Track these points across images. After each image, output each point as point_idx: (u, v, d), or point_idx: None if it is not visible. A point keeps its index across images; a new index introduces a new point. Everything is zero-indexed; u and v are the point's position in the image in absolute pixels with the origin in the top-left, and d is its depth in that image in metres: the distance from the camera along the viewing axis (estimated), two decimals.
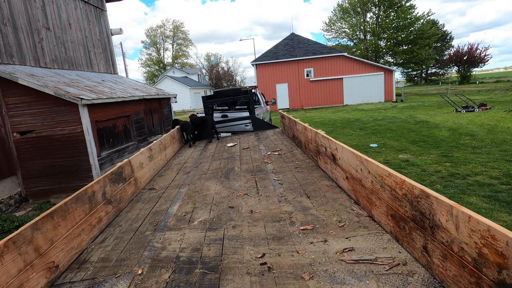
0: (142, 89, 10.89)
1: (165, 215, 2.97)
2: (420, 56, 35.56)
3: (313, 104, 25.26)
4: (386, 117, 14.31)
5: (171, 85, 38.62)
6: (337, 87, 24.74)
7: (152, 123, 10.57)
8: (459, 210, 1.38)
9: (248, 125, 8.07)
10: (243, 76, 58.79)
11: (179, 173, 4.56)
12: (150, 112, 10.32)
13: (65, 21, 8.92)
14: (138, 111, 9.32)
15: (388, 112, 16.68)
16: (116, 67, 11.98)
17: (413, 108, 17.76)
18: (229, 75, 51.46)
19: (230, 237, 2.33)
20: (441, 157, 6.84)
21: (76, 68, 9.34)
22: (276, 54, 25.43)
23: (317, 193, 3.03)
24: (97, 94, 7.18)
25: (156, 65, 59.36)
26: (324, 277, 1.72)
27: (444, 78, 51.36)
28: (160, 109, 11.32)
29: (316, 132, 3.87)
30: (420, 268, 1.70)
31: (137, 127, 9.17)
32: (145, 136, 9.65)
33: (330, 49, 25.60)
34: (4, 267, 1.73)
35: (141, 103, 9.49)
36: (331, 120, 15.57)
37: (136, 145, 8.87)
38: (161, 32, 58.37)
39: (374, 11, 38.26)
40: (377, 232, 2.14)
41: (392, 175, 1.96)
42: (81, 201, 2.59)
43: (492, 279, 1.24)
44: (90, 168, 6.61)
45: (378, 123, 12.75)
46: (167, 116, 11.89)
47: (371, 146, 8.55)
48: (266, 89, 25.86)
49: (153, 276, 1.94)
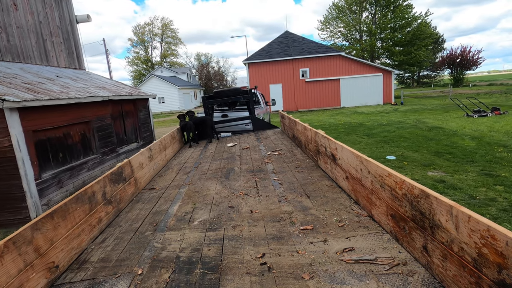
0: (111, 88, 9.13)
1: (165, 215, 2.97)
2: (418, 57, 35.05)
3: (309, 106, 24.08)
4: (392, 122, 13.31)
5: (159, 84, 37.35)
6: (334, 89, 23.71)
7: (124, 130, 8.82)
8: (459, 210, 1.38)
9: (249, 124, 8.07)
10: (234, 76, 58.03)
11: (179, 173, 4.56)
12: (120, 116, 8.61)
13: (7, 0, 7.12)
14: (103, 115, 7.65)
15: (391, 116, 15.82)
16: (82, 61, 10.13)
17: (417, 111, 16.78)
18: (219, 75, 50.48)
19: (230, 237, 2.33)
20: (484, 177, 5.62)
21: (24, 60, 7.56)
22: (269, 52, 23.93)
23: (317, 193, 3.03)
24: (36, 94, 5.53)
25: (144, 64, 57.64)
26: (324, 277, 1.72)
27: (436, 81, 50.80)
28: (135, 112, 9.60)
29: (316, 132, 3.88)
30: (420, 268, 1.70)
31: (102, 136, 7.56)
32: (113, 146, 8.01)
33: (327, 48, 24.39)
34: (4, 267, 1.73)
35: (108, 106, 7.87)
36: (331, 124, 14.44)
37: (99, 158, 7.37)
38: (149, 29, 56.79)
39: (370, 11, 37.88)
40: (377, 232, 2.14)
41: (392, 175, 1.96)
42: (81, 201, 2.59)
43: (492, 279, 1.24)
44: (23, 196, 4.89)
45: (385, 128, 11.75)
46: (144, 120, 10.17)
47: (388, 159, 7.29)
48: (260, 89, 24.05)
49: (153, 276, 1.94)
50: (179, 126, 7.10)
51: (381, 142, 9.28)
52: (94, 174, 7.08)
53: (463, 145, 8.11)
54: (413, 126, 11.81)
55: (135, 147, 9.17)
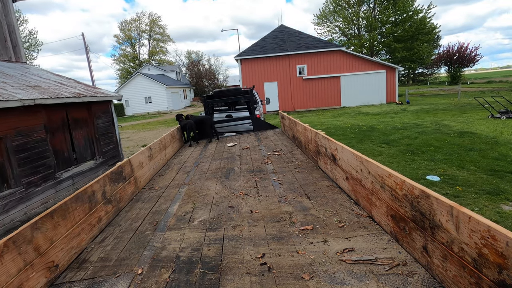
0: (50, 87, 6.83)
1: (165, 214, 2.97)
2: (420, 52, 33.24)
3: (307, 106, 22.40)
4: (408, 125, 11.46)
5: (145, 83, 35.32)
6: (334, 87, 21.90)
7: (72, 145, 6.68)
8: (459, 211, 1.38)
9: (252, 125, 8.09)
10: (226, 74, 55.83)
11: (179, 173, 4.56)
12: (64, 126, 6.51)
13: None
14: (29, 128, 5.48)
15: (402, 117, 13.97)
16: (20, 52, 8.19)
17: (430, 112, 14.79)
18: (210, 74, 48.54)
19: (230, 237, 2.33)
20: None
21: None
22: (264, 48, 21.73)
23: (317, 193, 3.03)
24: None
25: (131, 62, 55.24)
26: (324, 277, 1.72)
27: (432, 79, 48.37)
28: (89, 119, 7.34)
29: (316, 133, 3.88)
30: (420, 268, 1.70)
31: (26, 158, 5.35)
32: (48, 172, 5.81)
33: (326, 43, 22.27)
34: (4, 266, 1.72)
35: (38, 113, 5.74)
36: (337, 128, 12.56)
37: (21, 193, 5.19)
38: (137, 26, 54.25)
39: (369, 4, 36.19)
40: (377, 233, 2.14)
41: (392, 176, 1.96)
42: (81, 200, 2.59)
43: (492, 280, 1.24)
44: None
45: (404, 134, 9.89)
46: (104, 129, 7.80)
47: (430, 180, 5.50)
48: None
49: (153, 276, 1.94)
50: (179, 126, 7.11)
51: (407, 153, 7.43)
52: (10, 219, 4.93)
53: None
54: (436, 130, 10.04)
55: (90, 167, 7.11)
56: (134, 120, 28.76)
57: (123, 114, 35.44)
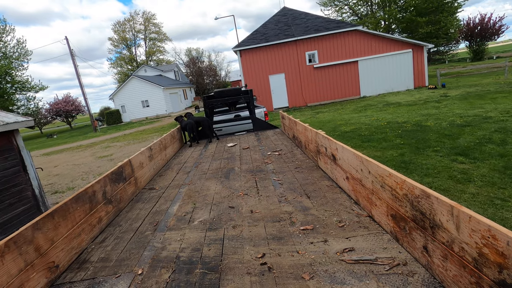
0: None
1: (165, 215, 2.97)
2: (448, 25, 27.31)
3: (321, 99, 19.18)
4: (470, 119, 8.31)
5: (140, 86, 32.68)
6: (351, 74, 18.51)
7: None
8: (460, 210, 1.38)
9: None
10: (228, 70, 52.29)
11: (179, 173, 4.57)
12: None
13: None
14: None
15: (452, 107, 10.74)
16: None
17: (483, 97, 11.56)
18: (211, 70, 45.31)
19: (230, 237, 2.33)
20: None
21: None
22: (265, 35, 18.76)
23: (317, 193, 3.03)
24: None
25: (129, 64, 52.88)
26: (324, 277, 1.72)
27: (450, 56, 41.38)
28: None
29: (316, 132, 3.88)
30: (420, 268, 1.70)
31: None
32: None
33: (338, 23, 18.83)
34: (5, 266, 1.73)
35: None
36: (369, 127, 9.45)
37: None
38: (131, 26, 51.93)
39: None
40: (377, 232, 2.14)
41: (392, 175, 1.96)
42: (82, 200, 2.59)
43: (492, 279, 1.24)
44: None
45: (476, 134, 6.85)
46: (7, 179, 4.69)
47: None
48: (257, 83, 18.92)
49: (153, 276, 1.94)
50: (179, 126, 7.13)
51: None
52: None
53: None
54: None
55: None
56: (130, 127, 26.25)
57: (120, 122, 33.50)
